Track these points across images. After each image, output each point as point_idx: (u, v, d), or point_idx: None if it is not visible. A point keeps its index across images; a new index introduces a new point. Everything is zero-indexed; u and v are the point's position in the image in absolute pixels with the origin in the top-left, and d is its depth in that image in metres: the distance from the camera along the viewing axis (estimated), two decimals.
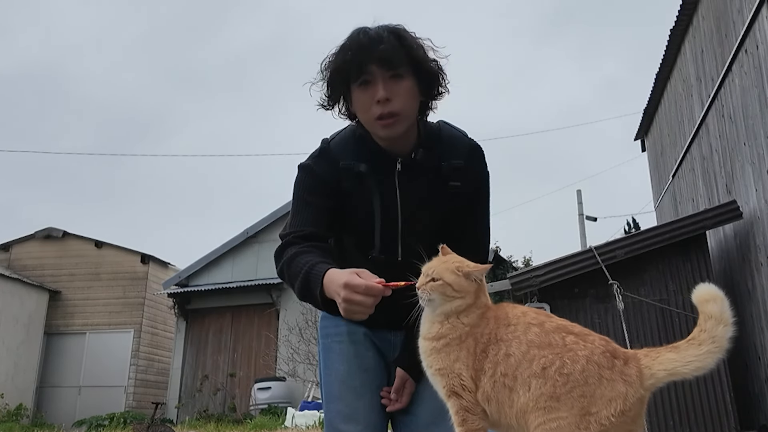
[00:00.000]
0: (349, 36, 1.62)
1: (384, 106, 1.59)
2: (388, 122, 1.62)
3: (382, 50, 1.55)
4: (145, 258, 16.97)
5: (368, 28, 1.61)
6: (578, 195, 17.62)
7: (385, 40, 1.57)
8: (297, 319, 12.19)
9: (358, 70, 1.58)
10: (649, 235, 6.09)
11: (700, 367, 1.20)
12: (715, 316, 1.21)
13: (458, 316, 1.33)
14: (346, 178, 1.70)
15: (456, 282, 1.32)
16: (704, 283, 1.27)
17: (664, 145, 9.69)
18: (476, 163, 1.78)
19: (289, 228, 1.71)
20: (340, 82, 1.64)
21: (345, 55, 1.59)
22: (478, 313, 1.34)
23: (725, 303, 1.22)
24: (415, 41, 1.63)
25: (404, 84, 1.61)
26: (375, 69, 1.57)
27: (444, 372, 1.33)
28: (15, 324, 15.44)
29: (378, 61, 1.56)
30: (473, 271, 1.33)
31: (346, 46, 1.60)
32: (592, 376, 1.19)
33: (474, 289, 1.33)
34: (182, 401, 14.26)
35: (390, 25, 1.63)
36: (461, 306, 1.33)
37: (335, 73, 1.63)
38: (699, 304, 1.23)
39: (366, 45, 1.57)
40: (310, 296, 1.56)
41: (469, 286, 1.33)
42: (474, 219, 1.80)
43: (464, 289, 1.32)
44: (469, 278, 1.33)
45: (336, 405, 1.76)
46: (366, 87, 1.61)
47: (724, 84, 6.55)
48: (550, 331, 1.27)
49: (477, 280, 1.33)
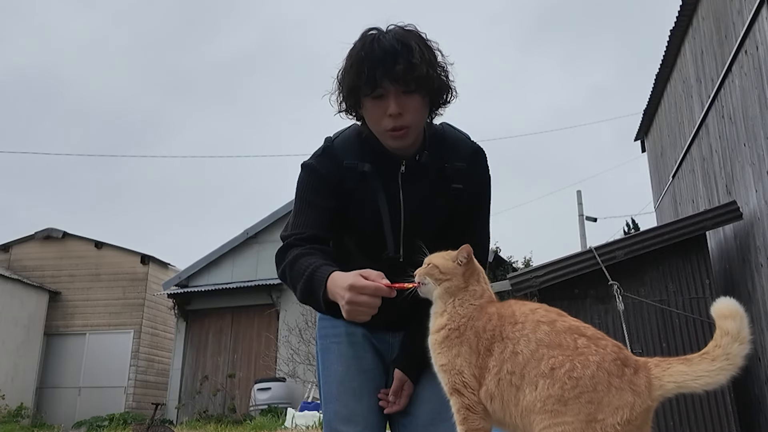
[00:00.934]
0: (362, 44, 1.61)
1: (396, 119, 1.61)
2: (398, 134, 1.64)
3: (396, 70, 1.56)
4: (145, 258, 16.97)
5: (382, 37, 1.60)
6: (578, 195, 17.64)
7: (400, 56, 1.56)
8: (297, 319, 12.19)
9: (371, 84, 1.59)
10: (649, 236, 6.08)
11: (711, 383, 1.18)
12: (732, 334, 1.18)
13: (454, 304, 1.38)
14: (349, 177, 1.71)
15: (442, 264, 1.40)
16: (725, 297, 1.22)
17: (664, 145, 9.70)
18: (479, 165, 1.79)
19: (291, 229, 1.71)
20: (354, 93, 1.65)
21: (360, 68, 1.59)
22: (476, 304, 1.36)
23: (744, 321, 1.19)
24: (427, 51, 1.62)
25: (415, 98, 1.62)
26: (388, 84, 1.58)
27: (446, 368, 1.34)
28: (15, 325, 15.44)
29: (391, 79, 1.57)
30: (458, 252, 1.40)
31: (360, 59, 1.59)
32: (601, 383, 1.19)
33: (461, 272, 1.39)
34: (182, 402, 14.26)
35: (403, 33, 1.61)
36: (450, 287, 1.39)
37: (349, 86, 1.64)
38: (717, 318, 1.20)
39: (380, 59, 1.57)
40: (313, 299, 1.56)
41: (454, 268, 1.39)
42: (475, 221, 1.81)
43: (450, 271, 1.39)
44: (455, 260, 1.40)
45: (334, 406, 1.76)
46: (378, 100, 1.62)
47: (724, 85, 6.55)
48: (561, 331, 1.26)
49: (460, 261, 1.39)
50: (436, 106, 1.71)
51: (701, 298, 5.86)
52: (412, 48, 1.58)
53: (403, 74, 1.56)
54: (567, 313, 1.35)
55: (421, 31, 1.64)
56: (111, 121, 49.54)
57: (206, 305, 14.71)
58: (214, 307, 14.64)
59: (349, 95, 1.66)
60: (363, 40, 1.61)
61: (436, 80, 1.64)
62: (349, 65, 1.62)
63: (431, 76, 1.61)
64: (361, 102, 1.65)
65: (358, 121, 1.73)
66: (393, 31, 1.62)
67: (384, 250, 1.71)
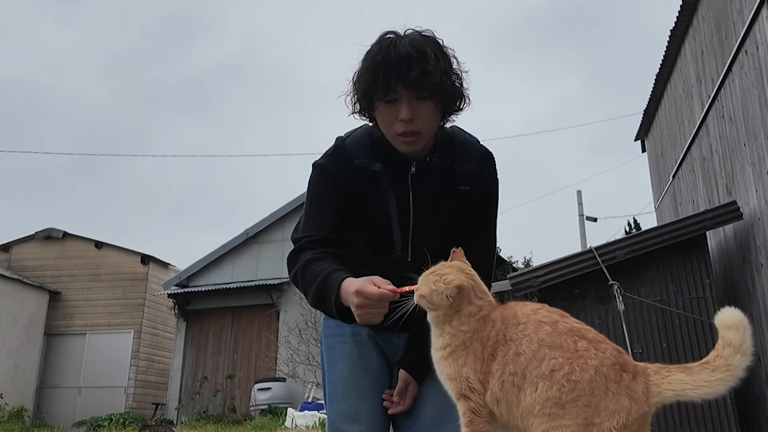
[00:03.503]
0: (379, 47, 1.61)
1: (407, 125, 1.62)
2: (409, 140, 1.65)
3: (411, 76, 1.56)
4: (145, 258, 16.97)
5: (398, 42, 1.60)
6: (578, 195, 17.63)
7: (415, 63, 1.57)
8: (297, 320, 12.18)
9: (385, 88, 1.59)
10: (650, 236, 6.08)
11: (710, 393, 1.18)
12: (734, 345, 1.18)
13: (451, 325, 1.35)
14: (359, 176, 1.71)
15: (429, 295, 1.35)
16: (730, 308, 1.21)
17: (664, 145, 9.70)
18: (487, 168, 1.81)
19: (302, 231, 1.72)
20: (368, 96, 1.66)
21: (375, 72, 1.60)
22: (477, 318, 1.35)
23: (747, 332, 1.18)
24: (442, 58, 1.62)
25: (428, 104, 1.63)
26: (402, 90, 1.59)
27: (453, 377, 1.35)
28: (15, 325, 15.44)
29: (405, 84, 1.58)
30: (445, 289, 1.32)
31: (377, 63, 1.59)
32: (598, 387, 1.19)
33: (447, 305, 1.34)
34: (182, 402, 14.26)
35: (419, 39, 1.61)
36: (439, 316, 1.36)
37: (364, 88, 1.65)
38: (720, 328, 1.20)
39: (395, 65, 1.57)
40: (325, 304, 1.58)
41: (440, 301, 1.34)
42: (482, 223, 1.82)
43: (436, 303, 1.35)
44: (441, 295, 1.33)
45: (339, 405, 1.77)
46: (391, 104, 1.62)
47: (724, 85, 6.56)
48: (562, 332, 1.26)
49: (449, 296, 1.33)
50: (449, 112, 1.72)
51: (701, 298, 5.86)
52: (428, 55, 1.58)
53: (417, 81, 1.57)
54: (568, 314, 1.35)
55: (438, 38, 1.65)
56: (93, 132, 49.71)
57: (206, 305, 14.70)
58: (215, 307, 14.63)
59: (363, 97, 1.67)
60: (380, 44, 1.62)
61: (450, 88, 1.64)
62: (364, 68, 1.63)
63: (445, 83, 1.61)
64: (375, 105, 1.66)
65: (370, 122, 1.74)
66: (410, 36, 1.62)
67: (392, 250, 1.71)
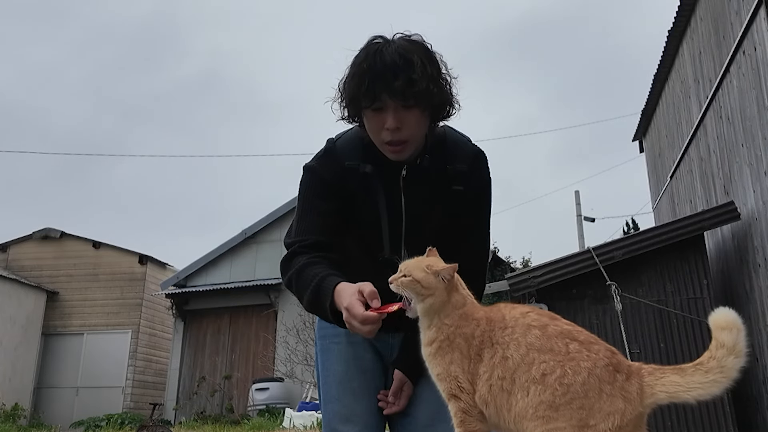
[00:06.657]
0: (365, 54, 1.59)
1: (394, 134, 1.60)
2: (396, 149, 1.64)
3: (396, 85, 1.54)
4: (143, 258, 16.94)
5: (384, 49, 1.57)
6: (576, 196, 17.63)
7: (401, 72, 1.54)
8: (295, 320, 12.17)
9: (370, 97, 1.58)
10: (647, 236, 6.09)
11: (704, 394, 1.17)
12: (728, 346, 1.17)
13: (439, 316, 1.36)
14: (350, 178, 1.70)
15: (424, 279, 1.35)
16: (724, 308, 1.21)
17: (662, 146, 9.70)
18: (480, 168, 1.79)
19: (295, 235, 1.71)
20: (354, 103, 1.64)
21: (361, 80, 1.58)
22: (459, 312, 1.36)
23: (741, 334, 1.17)
24: (429, 65, 1.59)
25: (415, 112, 1.60)
26: (387, 99, 1.57)
27: (442, 376, 1.35)
28: (12, 325, 15.41)
29: (391, 94, 1.56)
30: (441, 270, 1.35)
31: (363, 71, 1.57)
32: (592, 389, 1.19)
33: (443, 287, 1.36)
34: (180, 402, 14.24)
35: (406, 45, 1.59)
36: (434, 303, 1.35)
37: (350, 95, 1.63)
38: (714, 329, 1.19)
39: (380, 73, 1.55)
40: (321, 309, 1.57)
41: (437, 283, 1.35)
42: (475, 223, 1.80)
43: (432, 287, 1.35)
44: (437, 276, 1.35)
45: (334, 406, 1.76)
46: (378, 113, 1.61)
47: (722, 85, 6.56)
48: (552, 335, 1.26)
49: (444, 278, 1.35)
50: (437, 119, 1.70)
51: (699, 299, 5.87)
52: (414, 63, 1.55)
53: (402, 90, 1.54)
54: (564, 315, 1.35)
55: (426, 43, 1.63)
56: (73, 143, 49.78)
57: (204, 305, 14.69)
58: (212, 307, 14.62)
59: (349, 104, 1.65)
60: (367, 50, 1.59)
61: (437, 95, 1.61)
62: (350, 75, 1.61)
63: (431, 91, 1.58)
64: (362, 112, 1.65)
65: (360, 127, 1.72)
66: (397, 42, 1.59)
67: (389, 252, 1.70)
